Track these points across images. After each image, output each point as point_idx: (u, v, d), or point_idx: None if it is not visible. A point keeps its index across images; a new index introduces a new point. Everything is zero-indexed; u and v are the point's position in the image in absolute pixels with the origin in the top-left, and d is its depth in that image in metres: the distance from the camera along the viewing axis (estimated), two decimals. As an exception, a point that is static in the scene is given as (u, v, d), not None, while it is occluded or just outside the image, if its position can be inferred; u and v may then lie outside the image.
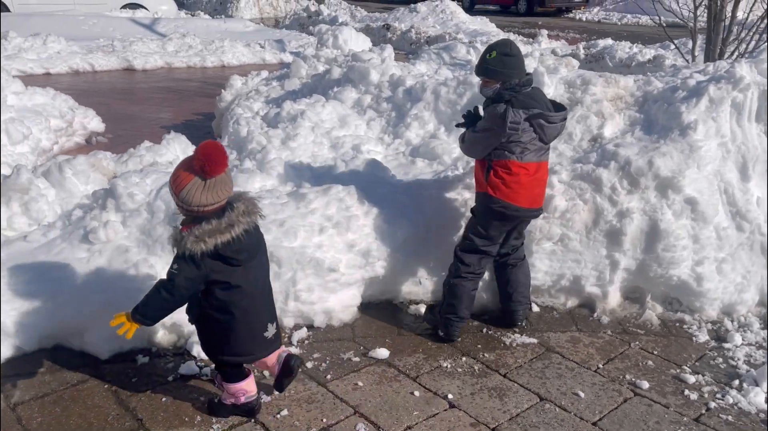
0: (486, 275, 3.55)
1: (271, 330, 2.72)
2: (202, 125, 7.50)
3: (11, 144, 5.52)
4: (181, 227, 2.51)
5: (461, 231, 3.55)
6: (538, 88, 3.35)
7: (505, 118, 3.06)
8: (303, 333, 3.43)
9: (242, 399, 2.77)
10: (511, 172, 3.17)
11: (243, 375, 2.76)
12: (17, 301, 3.05)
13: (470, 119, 3.38)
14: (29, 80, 7.88)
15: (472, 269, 3.35)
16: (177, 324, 3.27)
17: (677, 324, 3.63)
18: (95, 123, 7.00)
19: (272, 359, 2.81)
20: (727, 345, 3.41)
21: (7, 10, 16.54)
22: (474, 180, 3.43)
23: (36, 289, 3.11)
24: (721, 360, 3.31)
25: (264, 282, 2.73)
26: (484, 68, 3.19)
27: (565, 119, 3.27)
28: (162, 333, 3.30)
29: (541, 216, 3.73)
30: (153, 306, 2.57)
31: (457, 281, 3.36)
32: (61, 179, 3.93)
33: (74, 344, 3.17)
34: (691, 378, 3.14)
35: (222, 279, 2.53)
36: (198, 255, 2.41)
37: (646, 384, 3.08)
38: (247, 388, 2.77)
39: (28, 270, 3.19)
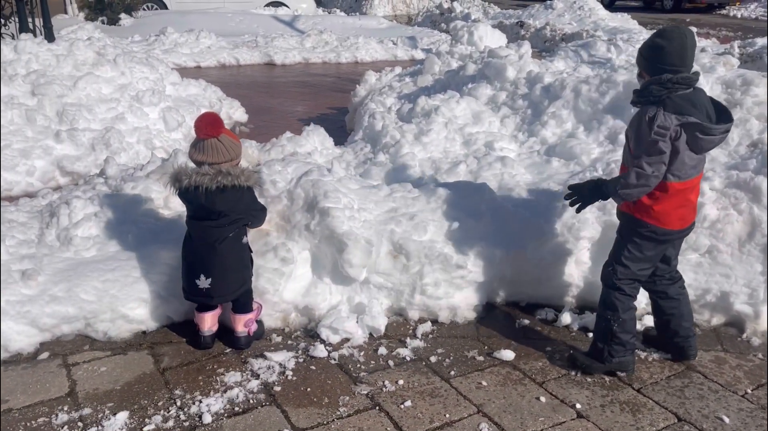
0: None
1: (203, 282, 3.06)
2: (336, 119, 7.75)
3: (167, 131, 6.02)
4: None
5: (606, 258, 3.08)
6: (702, 90, 2.81)
7: (653, 122, 2.62)
8: (427, 327, 3.45)
9: (198, 330, 3.20)
10: (668, 193, 2.76)
11: (199, 309, 3.20)
12: (171, 272, 3.31)
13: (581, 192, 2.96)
14: (182, 72, 8.54)
15: (634, 298, 3.01)
16: (309, 307, 3.41)
17: (843, 354, 3.25)
18: (239, 113, 7.45)
19: (206, 319, 3.17)
20: None
21: (165, 7, 18.06)
22: None
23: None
24: None
25: (210, 240, 3.04)
26: (637, 55, 2.80)
27: (728, 131, 2.75)
28: (294, 316, 3.45)
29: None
30: None
31: (625, 316, 2.98)
32: (210, 164, 4.23)
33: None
34: None
35: (186, 214, 3.12)
36: (174, 184, 3.00)
37: (803, 417, 2.79)
38: (198, 322, 3.19)
39: (178, 247, 3.45)
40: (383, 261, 3.49)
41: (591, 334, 3.35)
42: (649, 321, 3.36)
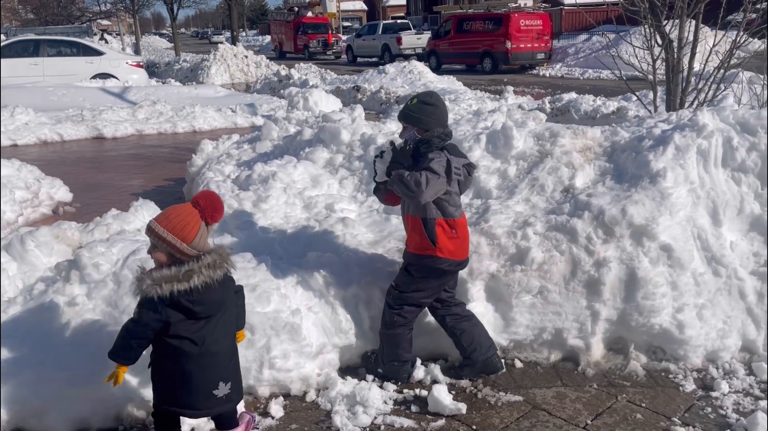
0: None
1: (222, 389, 2.66)
2: (174, 190, 7.42)
3: (-27, 217, 5.36)
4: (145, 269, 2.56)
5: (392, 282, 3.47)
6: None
7: (450, 164, 3.10)
8: (279, 402, 3.28)
9: None
10: (455, 229, 3.24)
11: None
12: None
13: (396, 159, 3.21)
14: (-5, 152, 7.77)
15: (410, 320, 3.41)
16: (145, 400, 3.10)
17: (663, 373, 3.55)
18: (62, 193, 6.86)
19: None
20: (714, 394, 3.34)
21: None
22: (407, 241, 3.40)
23: (-7, 370, 2.94)
24: (710, 409, 3.23)
25: (223, 340, 2.68)
26: (404, 113, 3.27)
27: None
28: (130, 409, 3.12)
29: (520, 269, 3.69)
30: (122, 346, 2.57)
31: (397, 331, 3.39)
32: (22, 252, 3.79)
33: (34, 426, 2.98)
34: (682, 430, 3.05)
35: (177, 329, 2.53)
36: (155, 299, 2.44)
37: (637, 439, 2.98)
38: None
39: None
40: (226, 339, 3.30)
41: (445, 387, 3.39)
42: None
